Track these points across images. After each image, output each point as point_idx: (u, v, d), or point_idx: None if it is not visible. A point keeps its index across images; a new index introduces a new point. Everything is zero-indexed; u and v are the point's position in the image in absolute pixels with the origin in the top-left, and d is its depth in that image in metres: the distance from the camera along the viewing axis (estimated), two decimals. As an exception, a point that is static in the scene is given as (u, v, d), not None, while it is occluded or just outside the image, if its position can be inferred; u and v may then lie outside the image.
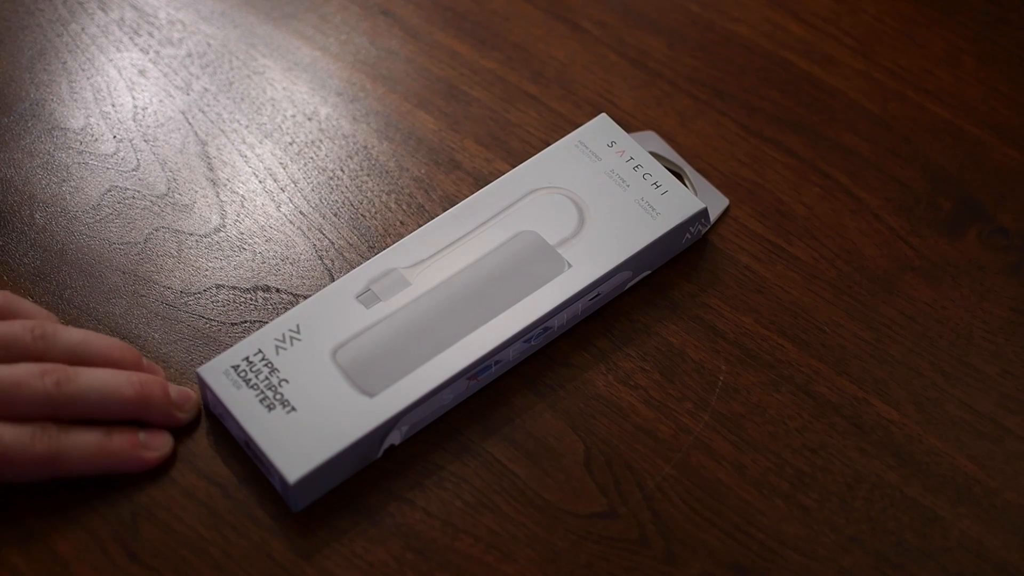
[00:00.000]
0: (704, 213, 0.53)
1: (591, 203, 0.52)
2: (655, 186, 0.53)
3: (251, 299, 0.52)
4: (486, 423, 0.49)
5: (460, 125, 0.58)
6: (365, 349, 0.48)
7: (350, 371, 0.48)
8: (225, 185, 0.56)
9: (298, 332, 0.48)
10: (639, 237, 0.51)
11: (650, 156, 0.54)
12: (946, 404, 0.50)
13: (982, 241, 0.55)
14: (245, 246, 0.54)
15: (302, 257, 0.54)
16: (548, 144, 0.58)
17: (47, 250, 0.53)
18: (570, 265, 0.51)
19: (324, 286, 0.52)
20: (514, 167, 0.55)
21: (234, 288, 0.52)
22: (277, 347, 0.48)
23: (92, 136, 0.57)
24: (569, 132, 0.57)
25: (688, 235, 0.53)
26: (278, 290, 0.52)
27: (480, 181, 0.56)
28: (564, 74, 0.61)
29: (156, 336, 0.51)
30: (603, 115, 0.56)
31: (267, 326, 0.49)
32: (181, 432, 0.48)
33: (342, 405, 0.47)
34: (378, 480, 0.48)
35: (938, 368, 0.51)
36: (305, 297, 0.52)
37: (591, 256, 0.51)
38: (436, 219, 0.52)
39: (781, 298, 0.53)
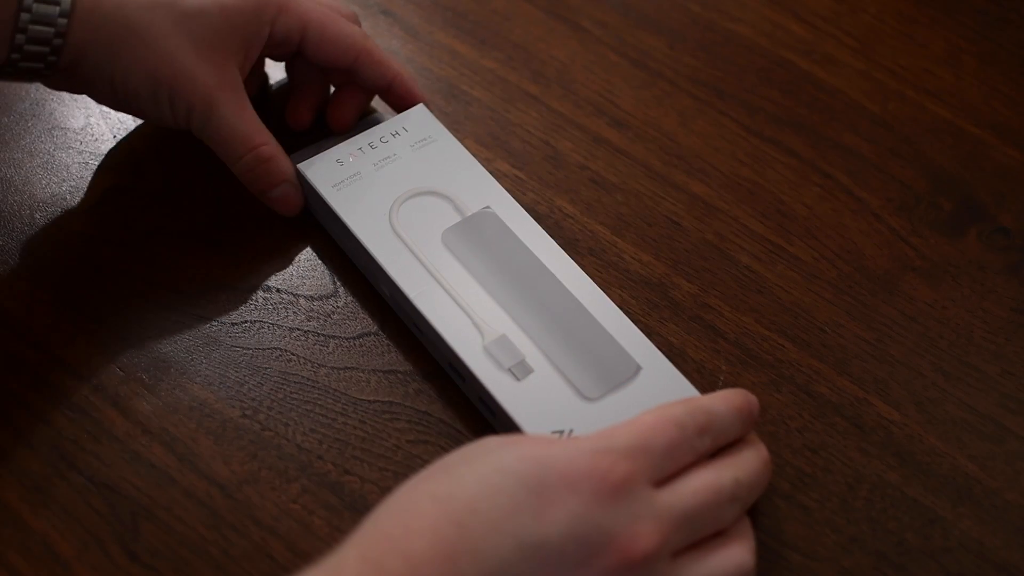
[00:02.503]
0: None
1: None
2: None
3: (251, 299, 0.52)
4: (487, 425, 0.49)
5: (460, 125, 0.58)
6: None
7: None
8: (225, 185, 0.56)
9: None
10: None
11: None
12: (947, 404, 0.50)
13: (983, 241, 0.55)
14: (245, 246, 0.54)
15: (302, 257, 0.54)
16: (548, 144, 0.58)
17: (47, 250, 0.53)
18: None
19: (331, 295, 0.52)
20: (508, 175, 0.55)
21: (234, 288, 0.52)
22: None
23: (92, 136, 0.57)
24: (569, 132, 0.57)
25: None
26: (278, 290, 0.52)
27: (480, 181, 0.56)
28: (564, 74, 0.61)
29: (155, 336, 0.51)
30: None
31: None
32: (182, 431, 0.48)
33: None
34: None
35: (939, 368, 0.51)
36: (306, 297, 0.52)
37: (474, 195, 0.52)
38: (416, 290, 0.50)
39: (782, 298, 0.53)
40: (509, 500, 0.38)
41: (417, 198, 0.52)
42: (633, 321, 0.52)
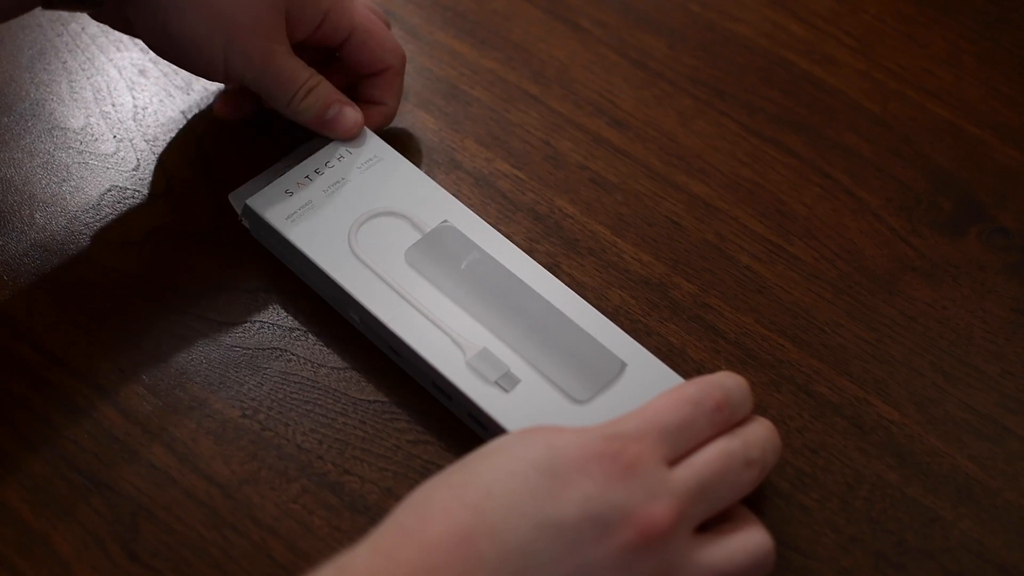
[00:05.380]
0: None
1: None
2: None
3: (251, 299, 0.52)
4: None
5: (460, 125, 0.58)
6: None
7: None
8: (225, 185, 0.56)
9: None
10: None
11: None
12: (947, 404, 0.50)
13: (983, 241, 0.55)
14: (245, 245, 0.54)
15: (302, 257, 0.54)
16: (548, 143, 0.58)
17: (47, 250, 0.53)
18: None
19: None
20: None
21: (234, 288, 0.52)
22: None
23: (92, 136, 0.57)
24: (569, 132, 0.57)
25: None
26: (278, 290, 0.52)
27: (480, 181, 0.56)
28: (564, 74, 0.61)
29: (155, 336, 0.51)
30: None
31: None
32: (182, 431, 0.48)
33: None
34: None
35: (939, 368, 0.51)
36: (306, 297, 0.52)
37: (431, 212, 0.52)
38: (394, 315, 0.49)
39: (782, 298, 0.53)
40: (523, 483, 0.39)
41: (374, 220, 0.51)
42: (633, 321, 0.52)
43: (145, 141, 0.57)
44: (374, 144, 0.54)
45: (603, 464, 0.39)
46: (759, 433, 0.44)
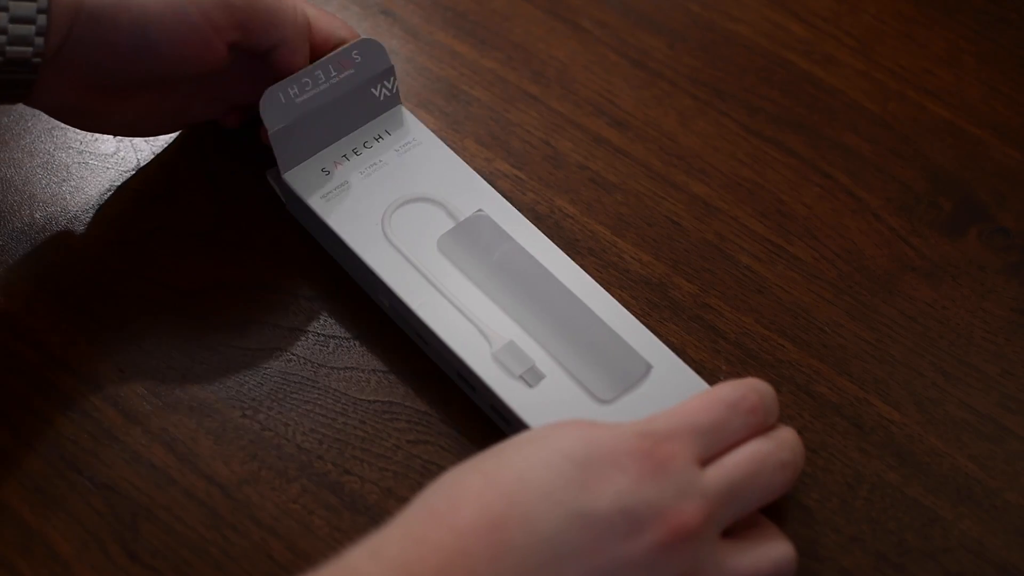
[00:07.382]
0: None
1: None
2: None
3: (251, 299, 0.52)
4: (490, 424, 0.49)
5: (460, 125, 0.58)
6: None
7: None
8: (225, 185, 0.56)
9: None
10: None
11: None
12: (947, 404, 0.50)
13: (983, 241, 0.55)
14: (245, 245, 0.54)
15: (302, 257, 0.54)
16: (548, 143, 0.58)
17: (47, 250, 0.53)
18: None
19: (331, 295, 0.52)
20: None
21: (234, 287, 0.52)
22: None
23: (92, 136, 0.57)
24: (569, 132, 0.57)
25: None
26: (278, 290, 0.52)
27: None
28: (564, 74, 0.61)
29: (155, 335, 0.51)
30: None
31: None
32: (182, 431, 0.48)
33: None
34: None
35: (939, 368, 0.51)
36: (306, 297, 0.52)
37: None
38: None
39: (782, 298, 0.53)
40: (556, 473, 0.39)
41: (408, 205, 0.51)
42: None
43: (145, 141, 0.57)
44: (413, 126, 0.54)
45: (635, 460, 0.39)
46: (787, 436, 0.44)
